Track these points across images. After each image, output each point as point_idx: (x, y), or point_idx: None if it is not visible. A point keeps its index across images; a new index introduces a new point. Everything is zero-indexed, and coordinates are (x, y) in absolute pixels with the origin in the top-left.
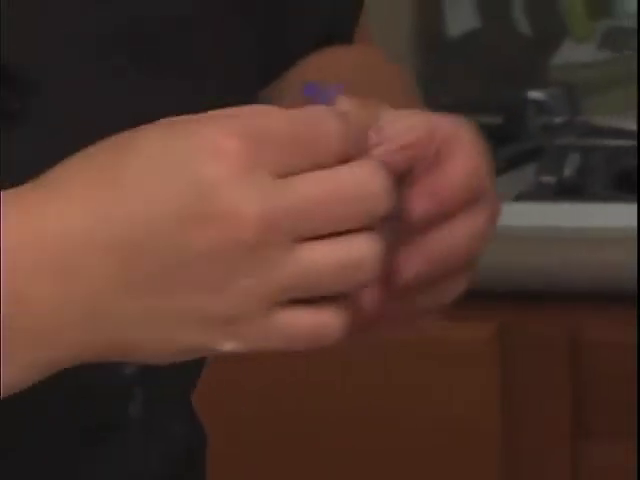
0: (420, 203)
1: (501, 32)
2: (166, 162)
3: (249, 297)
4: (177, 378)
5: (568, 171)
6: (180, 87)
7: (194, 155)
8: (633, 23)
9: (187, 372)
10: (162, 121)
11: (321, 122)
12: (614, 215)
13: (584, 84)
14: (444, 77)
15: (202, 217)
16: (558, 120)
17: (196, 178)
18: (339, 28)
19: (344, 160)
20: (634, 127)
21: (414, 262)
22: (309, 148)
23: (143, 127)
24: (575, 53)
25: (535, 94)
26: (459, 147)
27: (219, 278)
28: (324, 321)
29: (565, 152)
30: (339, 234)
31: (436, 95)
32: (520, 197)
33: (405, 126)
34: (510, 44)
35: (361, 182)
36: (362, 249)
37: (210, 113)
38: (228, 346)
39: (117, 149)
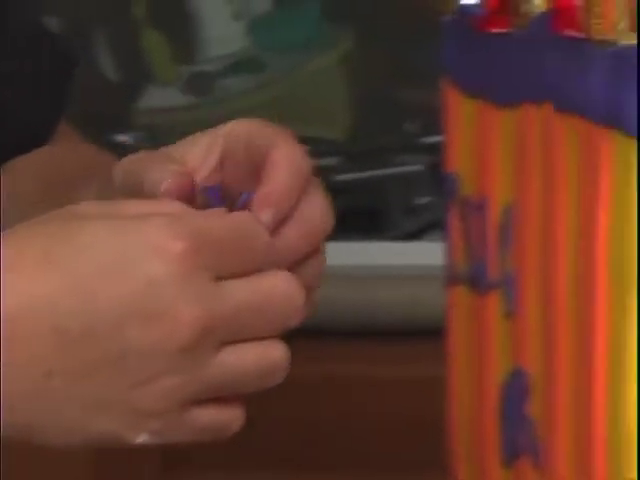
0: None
1: (87, 76)
2: (111, 257)
3: (172, 394)
4: None
5: None
6: None
7: (140, 253)
8: (215, 67)
9: None
10: (105, 212)
11: (254, 231)
12: None
13: (169, 127)
14: None
15: (142, 314)
16: None
17: (140, 276)
18: (42, 130)
19: (263, 269)
20: None
21: None
22: (244, 255)
23: (88, 215)
24: (160, 97)
25: (121, 137)
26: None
27: (148, 373)
28: (229, 418)
29: None
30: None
31: None
32: None
33: (198, 153)
34: (96, 88)
35: (287, 294)
36: (277, 354)
37: (153, 210)
38: (139, 439)
39: (63, 234)
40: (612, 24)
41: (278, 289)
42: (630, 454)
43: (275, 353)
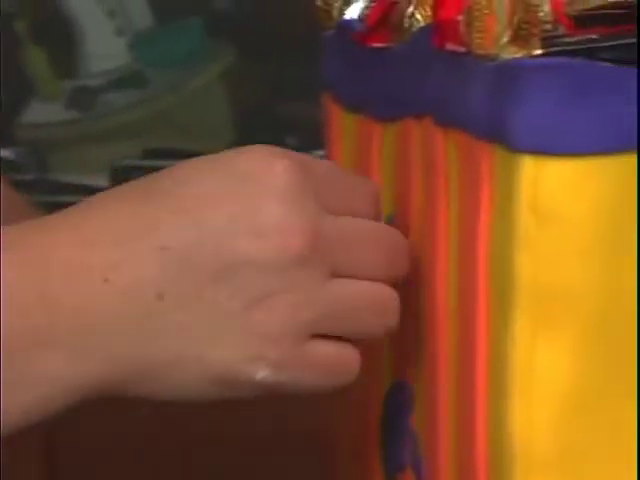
0: None
1: None
2: (213, 181)
3: (288, 316)
4: None
5: None
6: None
7: (244, 174)
8: (98, 82)
9: None
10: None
11: (363, 179)
12: None
13: (52, 143)
14: None
15: (250, 228)
16: (27, 178)
17: (245, 193)
18: None
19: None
20: (104, 184)
21: None
22: (350, 196)
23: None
24: (43, 112)
25: (4, 152)
26: None
27: (261, 290)
28: (350, 357)
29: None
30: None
31: None
32: None
33: None
34: None
35: (396, 238)
36: (389, 294)
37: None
38: (259, 374)
39: (165, 173)
40: (494, 39)
41: (385, 231)
42: (512, 468)
43: (387, 292)
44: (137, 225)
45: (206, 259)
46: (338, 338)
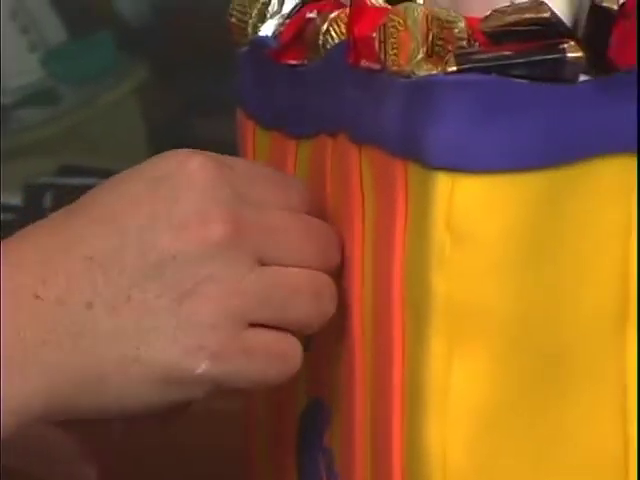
0: None
1: None
2: (132, 186)
3: (218, 303)
4: None
5: None
6: None
7: (159, 175)
8: (11, 99)
9: None
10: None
11: (290, 177)
12: None
13: None
14: None
15: (171, 223)
16: None
17: (163, 191)
18: None
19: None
20: (17, 202)
21: None
22: (276, 190)
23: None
24: None
25: None
26: None
27: (191, 281)
28: (289, 346)
29: None
30: None
31: None
32: None
33: None
34: None
35: (327, 229)
36: (324, 281)
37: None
38: (200, 368)
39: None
40: (408, 55)
41: (315, 222)
42: None
43: (321, 278)
44: (63, 240)
45: (131, 261)
46: (277, 329)
